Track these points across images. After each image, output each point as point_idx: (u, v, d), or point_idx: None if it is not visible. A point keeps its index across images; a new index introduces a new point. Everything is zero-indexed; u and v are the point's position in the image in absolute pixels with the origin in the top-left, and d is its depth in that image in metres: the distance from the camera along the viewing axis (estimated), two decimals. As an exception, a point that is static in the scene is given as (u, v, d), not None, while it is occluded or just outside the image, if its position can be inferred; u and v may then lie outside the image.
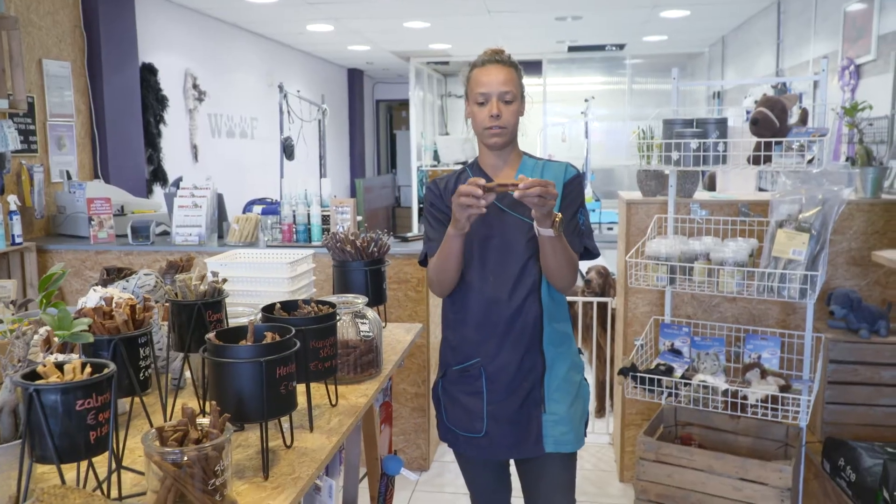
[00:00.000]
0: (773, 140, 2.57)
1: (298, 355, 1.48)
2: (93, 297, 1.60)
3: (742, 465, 2.71)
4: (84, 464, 1.21)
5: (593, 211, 6.61)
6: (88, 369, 1.03)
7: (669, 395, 2.85)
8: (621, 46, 8.61)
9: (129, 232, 3.83)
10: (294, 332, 1.37)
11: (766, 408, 2.69)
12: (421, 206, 9.43)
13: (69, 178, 4.31)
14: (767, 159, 2.61)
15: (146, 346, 1.25)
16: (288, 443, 1.44)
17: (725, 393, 2.76)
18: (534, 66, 9.34)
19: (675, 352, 3.08)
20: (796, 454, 2.81)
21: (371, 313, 1.87)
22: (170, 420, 1.45)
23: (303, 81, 8.79)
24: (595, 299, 4.11)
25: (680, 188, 3.27)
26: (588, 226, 1.98)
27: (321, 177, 6.93)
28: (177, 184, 4.23)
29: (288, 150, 6.37)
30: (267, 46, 7.74)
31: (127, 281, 1.81)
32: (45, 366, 1.01)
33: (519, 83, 1.93)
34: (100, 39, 4.57)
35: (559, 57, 9.24)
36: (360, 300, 1.87)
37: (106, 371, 1.02)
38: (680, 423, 3.19)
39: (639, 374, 2.86)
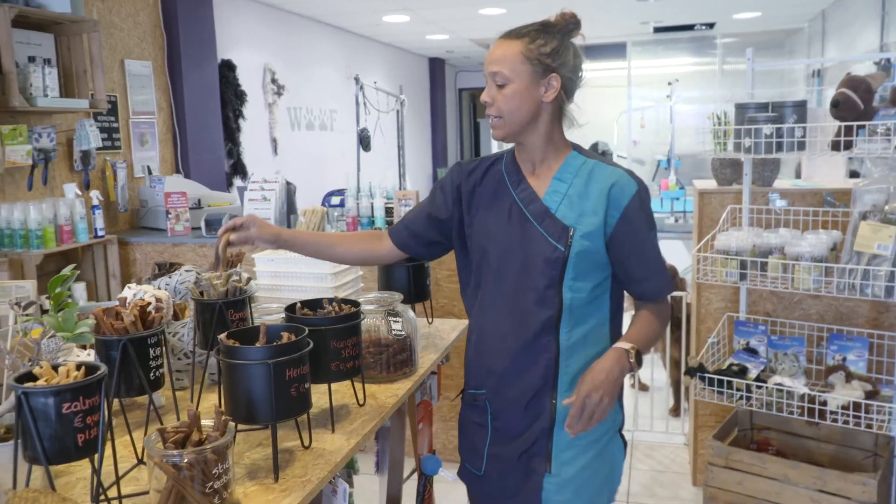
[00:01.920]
0: (856, 124, 2.35)
1: (318, 355, 1.46)
2: (128, 293, 1.62)
3: (821, 475, 2.52)
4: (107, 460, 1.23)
5: (677, 199, 6.32)
6: (81, 371, 1.03)
7: (741, 397, 2.67)
8: (711, 25, 8.20)
9: (202, 225, 3.94)
10: (307, 332, 1.34)
11: (849, 415, 2.48)
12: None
13: (150, 173, 4.48)
14: (850, 145, 2.39)
15: (157, 347, 1.25)
16: (306, 444, 1.42)
17: (803, 398, 2.56)
18: (618, 49, 9.04)
19: (751, 351, 2.89)
20: (885, 465, 2.58)
21: (407, 311, 1.83)
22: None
23: (381, 72, 8.85)
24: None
25: (758, 176, 3.06)
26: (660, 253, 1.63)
27: (400, 167, 6.96)
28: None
29: (364, 142, 6.42)
30: (345, 38, 7.82)
31: (170, 277, 1.84)
32: (41, 367, 1.02)
33: (525, 59, 1.51)
34: (179, 38, 4.72)
35: (645, 39, 8.90)
36: (396, 298, 1.83)
37: (96, 374, 1.02)
38: (756, 426, 3.00)
39: (707, 375, 2.70)
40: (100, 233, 3.76)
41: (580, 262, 1.53)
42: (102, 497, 1.07)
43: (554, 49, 1.52)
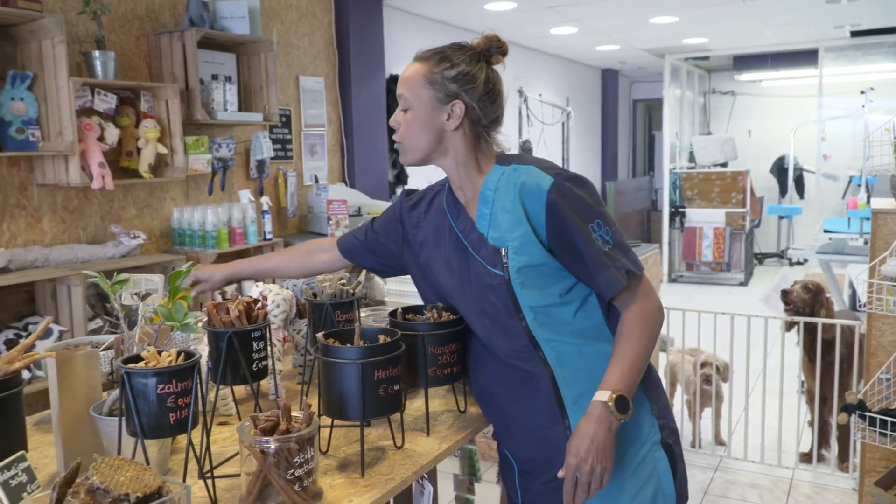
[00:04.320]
0: None
1: (415, 360, 1.50)
2: (255, 291, 1.77)
3: None
4: (223, 441, 1.35)
5: (867, 219, 5.71)
6: (181, 358, 1.14)
7: (908, 442, 2.38)
8: (921, 27, 7.35)
9: (359, 231, 4.16)
10: (398, 335, 1.38)
11: None
12: (672, 209, 8.97)
13: (317, 181, 4.81)
14: None
15: (260, 340, 1.35)
16: (398, 444, 1.46)
17: None
18: (806, 56, 8.37)
19: (928, 391, 2.57)
20: None
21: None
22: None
23: (549, 84, 8.83)
24: (801, 318, 3.49)
25: (945, 194, 2.71)
26: (617, 240, 1.39)
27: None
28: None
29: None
30: (512, 51, 7.82)
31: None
32: (148, 352, 1.14)
33: (428, 83, 1.41)
34: (350, 56, 5.03)
35: (840, 44, 8.16)
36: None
37: (190, 360, 1.12)
38: (933, 476, 2.65)
39: (868, 414, 2.43)
40: (268, 235, 4.09)
41: (527, 279, 1.39)
42: (204, 473, 1.17)
43: (460, 74, 1.41)
